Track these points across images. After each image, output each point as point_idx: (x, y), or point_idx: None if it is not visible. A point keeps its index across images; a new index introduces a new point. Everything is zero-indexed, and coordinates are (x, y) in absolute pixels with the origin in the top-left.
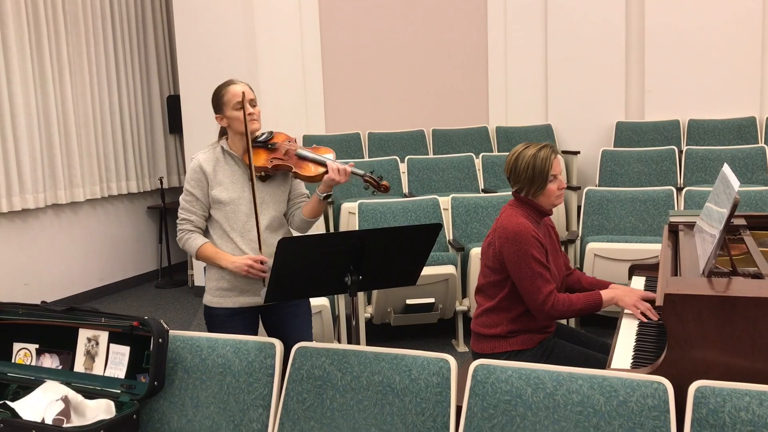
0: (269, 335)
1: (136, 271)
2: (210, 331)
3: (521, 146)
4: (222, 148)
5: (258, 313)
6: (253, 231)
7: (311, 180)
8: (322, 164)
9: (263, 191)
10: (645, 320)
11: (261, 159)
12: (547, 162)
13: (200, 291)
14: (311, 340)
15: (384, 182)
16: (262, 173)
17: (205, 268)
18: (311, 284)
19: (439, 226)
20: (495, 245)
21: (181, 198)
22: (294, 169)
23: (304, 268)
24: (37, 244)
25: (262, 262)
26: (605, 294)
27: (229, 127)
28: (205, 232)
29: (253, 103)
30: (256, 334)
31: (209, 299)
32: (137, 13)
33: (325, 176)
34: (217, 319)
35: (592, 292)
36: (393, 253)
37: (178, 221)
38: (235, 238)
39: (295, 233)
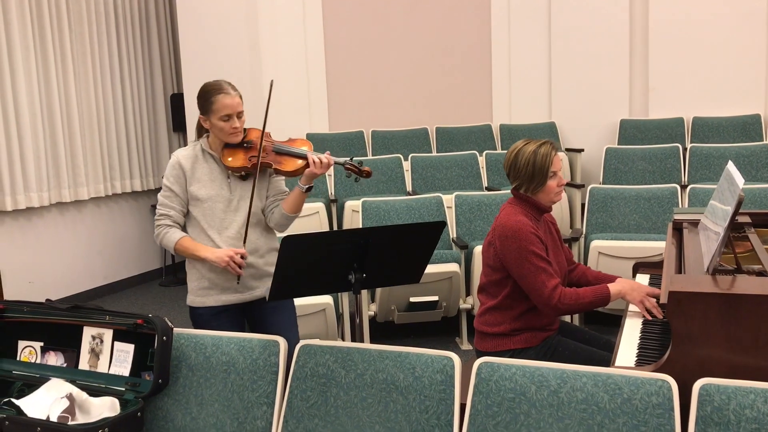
0: (253, 332)
1: (141, 269)
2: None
3: (521, 142)
4: (201, 147)
5: (241, 309)
6: (230, 228)
7: (292, 174)
8: (301, 157)
9: (243, 189)
10: (650, 318)
11: (239, 159)
12: (547, 158)
13: None
14: (296, 335)
15: (365, 168)
16: (242, 173)
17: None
18: (315, 282)
19: (442, 224)
20: (495, 244)
21: (159, 195)
22: (274, 166)
23: (308, 266)
24: (42, 243)
25: (243, 257)
26: (613, 287)
27: (210, 129)
28: (183, 229)
29: (240, 115)
30: (243, 330)
31: (192, 299)
32: (141, 11)
33: (307, 169)
34: (201, 319)
35: (599, 285)
36: (397, 251)
37: (155, 217)
38: (213, 235)
39: (276, 232)
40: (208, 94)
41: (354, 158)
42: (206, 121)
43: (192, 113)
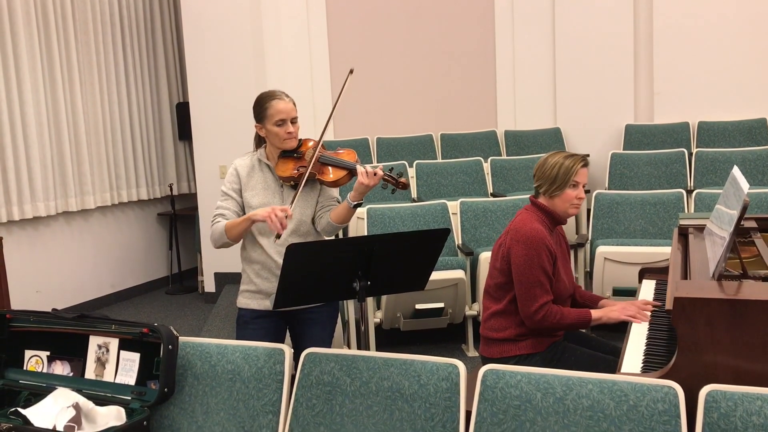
0: (293, 341)
1: (147, 278)
2: (237, 331)
3: (558, 152)
4: (258, 156)
5: (284, 318)
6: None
7: (334, 185)
8: (346, 168)
9: (291, 197)
10: (639, 322)
11: (288, 168)
12: (573, 167)
13: (210, 297)
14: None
15: (402, 179)
16: (291, 182)
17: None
18: (320, 290)
19: (447, 231)
20: (505, 245)
21: (218, 201)
22: (317, 176)
23: (313, 274)
24: (49, 252)
25: (287, 216)
26: (595, 313)
27: (266, 137)
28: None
29: (294, 120)
30: (281, 339)
31: (239, 300)
32: (146, 21)
33: (357, 182)
34: (242, 320)
35: (583, 309)
36: (401, 258)
37: (212, 218)
38: (263, 242)
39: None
40: (262, 101)
41: (393, 169)
42: (262, 129)
43: (198, 121)
